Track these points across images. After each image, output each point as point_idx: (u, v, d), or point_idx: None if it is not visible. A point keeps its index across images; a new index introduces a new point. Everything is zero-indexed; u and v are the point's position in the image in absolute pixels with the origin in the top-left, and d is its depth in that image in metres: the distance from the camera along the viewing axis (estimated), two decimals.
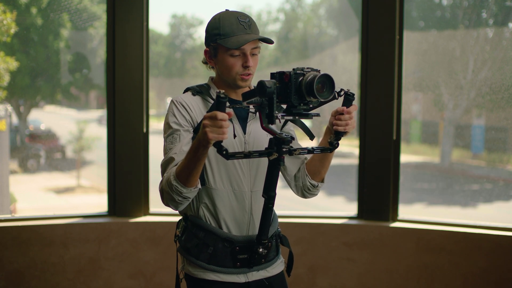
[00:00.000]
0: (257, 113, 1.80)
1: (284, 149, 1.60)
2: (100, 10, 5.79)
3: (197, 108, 1.83)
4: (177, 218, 3.40)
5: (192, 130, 1.80)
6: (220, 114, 1.48)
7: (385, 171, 3.30)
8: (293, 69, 1.60)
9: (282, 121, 1.73)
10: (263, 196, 1.69)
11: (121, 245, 3.30)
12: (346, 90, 1.71)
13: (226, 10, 1.83)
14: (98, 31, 6.02)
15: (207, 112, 1.65)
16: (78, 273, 3.28)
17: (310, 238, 3.30)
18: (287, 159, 1.93)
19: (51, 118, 8.92)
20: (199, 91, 1.87)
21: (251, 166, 1.84)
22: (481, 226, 3.21)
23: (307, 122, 1.86)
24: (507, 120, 5.02)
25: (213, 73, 1.93)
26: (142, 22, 3.32)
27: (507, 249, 3.10)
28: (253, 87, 1.88)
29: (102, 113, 9.36)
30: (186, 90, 1.90)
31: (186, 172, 1.62)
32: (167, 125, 1.81)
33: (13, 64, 4.60)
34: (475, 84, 5.15)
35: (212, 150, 1.76)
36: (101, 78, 6.44)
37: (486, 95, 4.96)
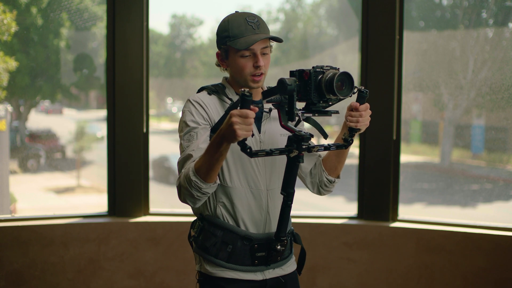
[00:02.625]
0: (271, 113, 1.86)
1: (304, 146, 1.63)
2: (101, 11, 5.78)
3: (214, 107, 1.83)
4: (177, 219, 3.41)
5: (210, 128, 1.80)
6: (250, 112, 1.50)
7: (385, 171, 3.30)
8: (313, 67, 1.64)
9: (302, 118, 1.76)
10: (281, 193, 1.72)
11: (121, 245, 3.30)
12: (360, 87, 1.74)
13: (235, 12, 1.84)
14: (101, 31, 6.02)
15: (227, 110, 1.69)
16: (78, 273, 3.28)
17: (310, 238, 3.30)
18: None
19: (51, 118, 8.92)
20: (215, 90, 1.87)
21: (266, 165, 1.86)
22: (481, 226, 3.21)
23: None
24: (507, 120, 5.01)
25: (224, 74, 1.95)
26: (142, 22, 3.33)
27: (507, 249, 3.10)
28: (266, 88, 1.90)
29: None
30: (200, 90, 1.90)
31: (206, 167, 1.62)
32: (183, 123, 1.80)
33: (12, 64, 4.60)
34: (475, 84, 5.15)
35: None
36: (102, 78, 6.43)
37: (486, 95, 4.96)
